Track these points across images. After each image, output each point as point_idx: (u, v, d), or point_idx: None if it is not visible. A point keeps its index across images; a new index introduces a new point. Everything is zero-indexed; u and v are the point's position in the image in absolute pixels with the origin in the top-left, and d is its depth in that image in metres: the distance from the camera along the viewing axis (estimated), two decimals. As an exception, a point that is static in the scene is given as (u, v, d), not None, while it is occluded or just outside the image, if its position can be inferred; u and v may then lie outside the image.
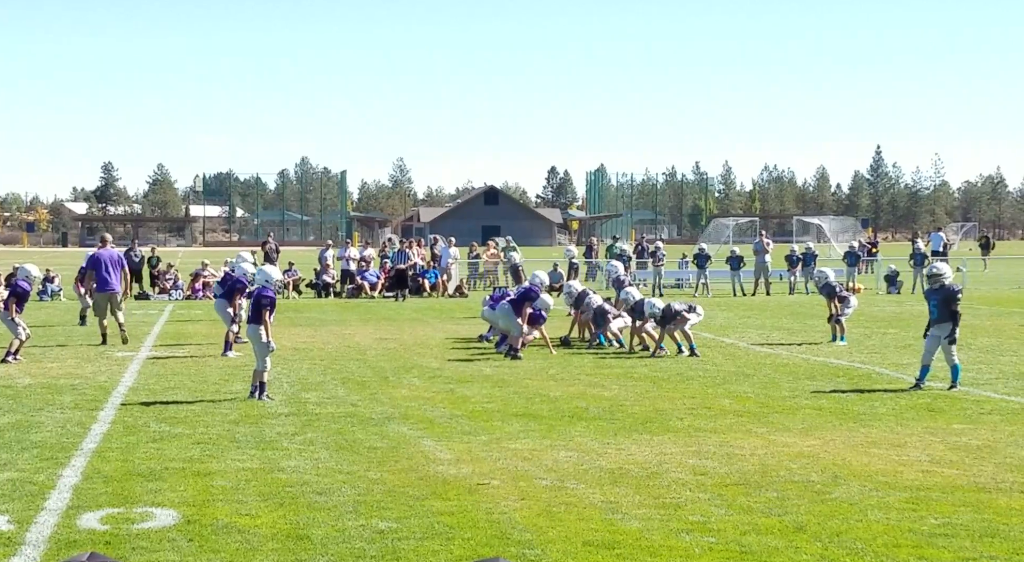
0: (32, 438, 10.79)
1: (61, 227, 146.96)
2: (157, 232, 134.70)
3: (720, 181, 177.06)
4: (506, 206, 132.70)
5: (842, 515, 7.85)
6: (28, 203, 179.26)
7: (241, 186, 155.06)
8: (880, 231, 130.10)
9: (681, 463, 9.57)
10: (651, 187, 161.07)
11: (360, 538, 7.28)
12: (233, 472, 9.24)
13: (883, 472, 9.21)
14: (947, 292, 13.78)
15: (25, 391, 13.96)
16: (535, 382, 14.71)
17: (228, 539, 7.26)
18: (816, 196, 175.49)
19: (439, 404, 12.89)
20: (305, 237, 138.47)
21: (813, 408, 12.51)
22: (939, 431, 11.05)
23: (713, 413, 12.21)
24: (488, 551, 6.95)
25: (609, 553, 6.96)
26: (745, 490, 8.58)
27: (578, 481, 8.90)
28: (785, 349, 18.66)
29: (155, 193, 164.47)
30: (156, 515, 7.87)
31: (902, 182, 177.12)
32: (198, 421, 11.72)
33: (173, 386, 14.40)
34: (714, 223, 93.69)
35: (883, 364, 16.44)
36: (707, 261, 34.84)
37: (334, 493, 8.49)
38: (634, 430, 11.18)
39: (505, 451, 10.11)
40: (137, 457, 9.86)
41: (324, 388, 14.22)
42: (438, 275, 35.48)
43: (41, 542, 7.24)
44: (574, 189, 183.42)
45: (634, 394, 13.63)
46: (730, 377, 15.13)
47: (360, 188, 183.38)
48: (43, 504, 8.21)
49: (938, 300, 13.84)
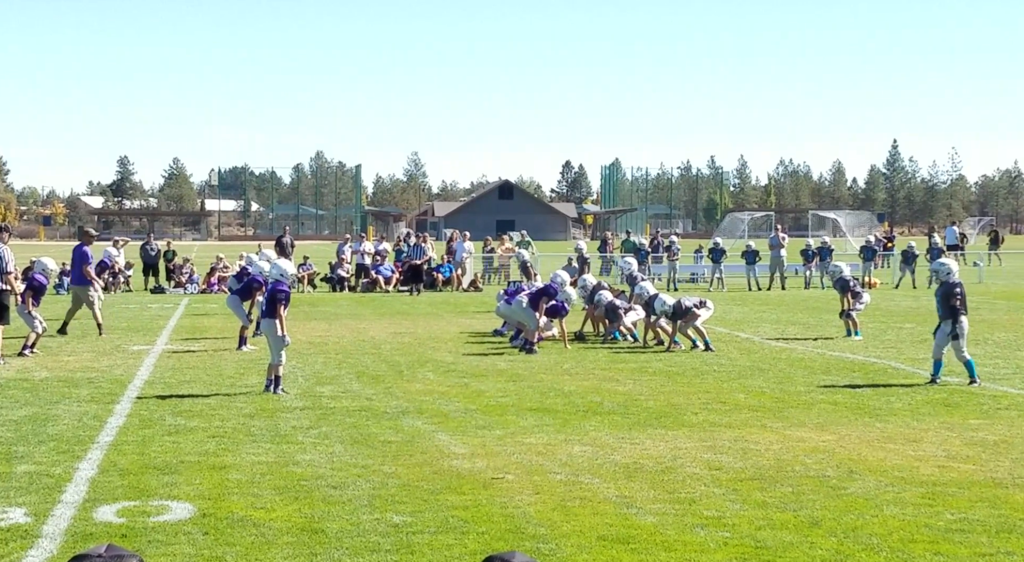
0: (49, 431, 10.84)
1: (77, 221, 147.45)
2: (172, 226, 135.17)
3: (735, 175, 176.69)
4: (521, 200, 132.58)
5: (857, 510, 7.82)
6: (45, 197, 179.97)
7: (256, 180, 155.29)
8: (896, 225, 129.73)
9: (696, 458, 9.56)
10: (666, 181, 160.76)
11: (375, 532, 7.29)
12: (248, 466, 9.26)
13: (899, 467, 9.18)
14: (946, 288, 13.79)
15: (42, 384, 14.03)
16: (550, 377, 14.70)
17: (243, 532, 7.28)
18: (832, 190, 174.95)
19: (454, 398, 12.90)
20: (320, 231, 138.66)
21: (828, 403, 12.48)
22: (955, 426, 11.00)
23: (728, 408, 12.19)
24: (502, 545, 6.95)
25: (624, 547, 6.95)
26: (760, 485, 8.57)
27: (593, 476, 8.90)
28: (800, 344, 18.60)
29: (171, 187, 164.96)
30: (172, 508, 7.90)
31: (919, 176, 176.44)
32: (214, 415, 11.76)
33: (189, 380, 14.44)
34: (729, 217, 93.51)
35: (899, 359, 16.38)
36: (722, 256, 34.76)
37: (349, 487, 8.51)
38: (649, 425, 11.16)
39: (519, 445, 10.11)
40: (153, 450, 9.90)
41: (339, 382, 14.25)
42: (452, 269, 35.51)
43: (58, 535, 7.28)
44: (589, 183, 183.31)
45: (649, 389, 13.62)
46: (745, 372, 15.09)
47: (375, 182, 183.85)
48: (60, 497, 8.25)
49: (939, 296, 13.87)
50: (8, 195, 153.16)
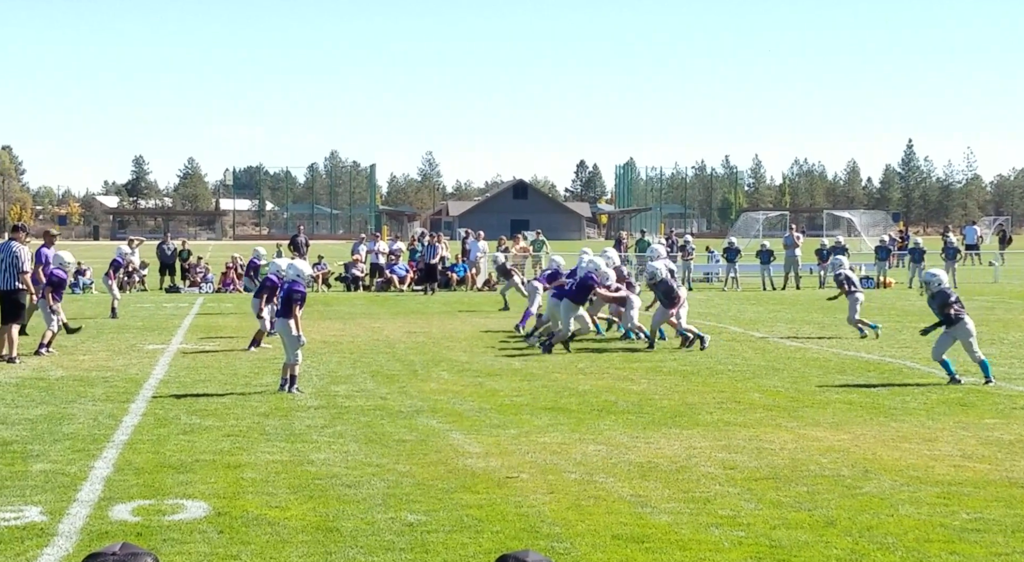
0: (64, 430, 10.89)
1: (92, 220, 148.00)
2: (187, 225, 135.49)
3: (750, 175, 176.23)
4: (535, 200, 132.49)
5: (873, 510, 7.80)
6: (60, 197, 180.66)
7: (271, 180, 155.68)
8: (911, 225, 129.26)
9: (710, 457, 9.54)
10: (680, 181, 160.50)
11: (389, 530, 7.30)
12: (263, 464, 9.28)
13: (914, 467, 9.14)
14: (941, 297, 13.86)
15: (57, 383, 14.09)
16: (564, 376, 14.70)
17: (258, 531, 7.30)
18: (847, 190, 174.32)
19: (468, 397, 12.91)
20: (334, 230, 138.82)
21: (843, 402, 12.44)
22: (971, 426, 10.96)
23: (743, 407, 12.16)
24: (517, 544, 6.95)
25: (638, 547, 6.94)
26: (775, 484, 8.54)
27: (607, 475, 8.89)
28: (815, 343, 18.55)
29: (185, 187, 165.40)
30: (187, 507, 7.92)
31: (934, 176, 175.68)
32: (228, 413, 11.79)
33: (203, 379, 14.48)
34: (743, 217, 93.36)
35: (914, 358, 16.32)
36: (737, 255, 34.68)
37: (363, 486, 8.52)
38: (663, 424, 11.15)
39: (534, 444, 10.11)
40: (168, 449, 9.93)
41: (353, 381, 14.27)
42: (467, 269, 35.55)
43: (73, 533, 7.31)
44: (603, 183, 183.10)
45: (663, 388, 13.60)
46: (760, 371, 15.06)
47: (389, 182, 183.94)
48: (75, 495, 8.28)
49: (935, 307, 13.95)
50: (24, 195, 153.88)
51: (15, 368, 15.53)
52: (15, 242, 16.76)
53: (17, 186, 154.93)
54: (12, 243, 16.75)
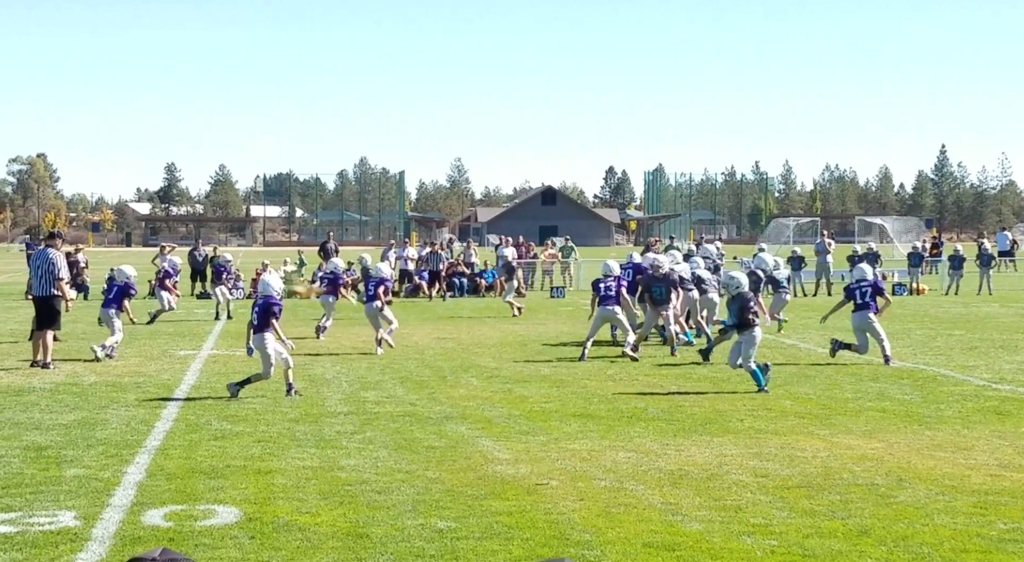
0: (97, 435, 10.96)
1: (125, 227, 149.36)
2: (218, 232, 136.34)
3: (780, 181, 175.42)
4: (563, 206, 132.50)
5: (907, 519, 7.72)
6: (93, 204, 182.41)
7: (301, 186, 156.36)
8: (945, 231, 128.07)
9: (742, 465, 9.48)
10: (710, 187, 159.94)
11: (419, 537, 7.29)
12: (293, 470, 9.30)
13: (949, 476, 9.04)
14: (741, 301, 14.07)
15: (91, 389, 14.19)
16: (593, 382, 14.65)
17: (289, 537, 7.31)
18: (879, 196, 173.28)
19: (497, 404, 12.89)
20: (364, 237, 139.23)
21: (877, 410, 12.33)
22: (1007, 434, 10.83)
23: (774, 414, 12.08)
24: (547, 551, 6.92)
25: (669, 555, 6.90)
26: (807, 492, 8.47)
27: (637, 482, 8.85)
28: (847, 350, 18.38)
29: (216, 193, 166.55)
30: (218, 512, 7.95)
31: (967, 182, 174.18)
32: (259, 419, 11.83)
33: (234, 384, 14.52)
34: (774, 223, 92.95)
35: (948, 366, 16.16)
36: (801, 263, 34.26)
37: (393, 492, 8.52)
38: (694, 431, 11.09)
39: (563, 451, 10.08)
40: (200, 455, 9.97)
41: (383, 387, 14.28)
42: (495, 275, 35.55)
43: (107, 538, 7.34)
44: (632, 189, 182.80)
45: (693, 395, 13.52)
46: (791, 378, 14.96)
47: (418, 188, 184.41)
48: (108, 500, 8.33)
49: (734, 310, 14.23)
50: (58, 202, 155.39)
51: (49, 374, 15.66)
52: (52, 249, 16.92)
53: (52, 193, 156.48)
54: (49, 250, 16.91)
